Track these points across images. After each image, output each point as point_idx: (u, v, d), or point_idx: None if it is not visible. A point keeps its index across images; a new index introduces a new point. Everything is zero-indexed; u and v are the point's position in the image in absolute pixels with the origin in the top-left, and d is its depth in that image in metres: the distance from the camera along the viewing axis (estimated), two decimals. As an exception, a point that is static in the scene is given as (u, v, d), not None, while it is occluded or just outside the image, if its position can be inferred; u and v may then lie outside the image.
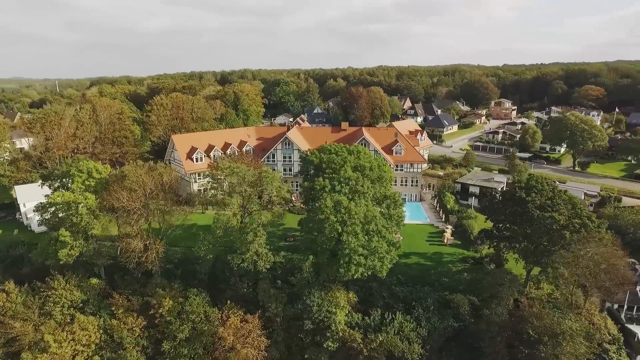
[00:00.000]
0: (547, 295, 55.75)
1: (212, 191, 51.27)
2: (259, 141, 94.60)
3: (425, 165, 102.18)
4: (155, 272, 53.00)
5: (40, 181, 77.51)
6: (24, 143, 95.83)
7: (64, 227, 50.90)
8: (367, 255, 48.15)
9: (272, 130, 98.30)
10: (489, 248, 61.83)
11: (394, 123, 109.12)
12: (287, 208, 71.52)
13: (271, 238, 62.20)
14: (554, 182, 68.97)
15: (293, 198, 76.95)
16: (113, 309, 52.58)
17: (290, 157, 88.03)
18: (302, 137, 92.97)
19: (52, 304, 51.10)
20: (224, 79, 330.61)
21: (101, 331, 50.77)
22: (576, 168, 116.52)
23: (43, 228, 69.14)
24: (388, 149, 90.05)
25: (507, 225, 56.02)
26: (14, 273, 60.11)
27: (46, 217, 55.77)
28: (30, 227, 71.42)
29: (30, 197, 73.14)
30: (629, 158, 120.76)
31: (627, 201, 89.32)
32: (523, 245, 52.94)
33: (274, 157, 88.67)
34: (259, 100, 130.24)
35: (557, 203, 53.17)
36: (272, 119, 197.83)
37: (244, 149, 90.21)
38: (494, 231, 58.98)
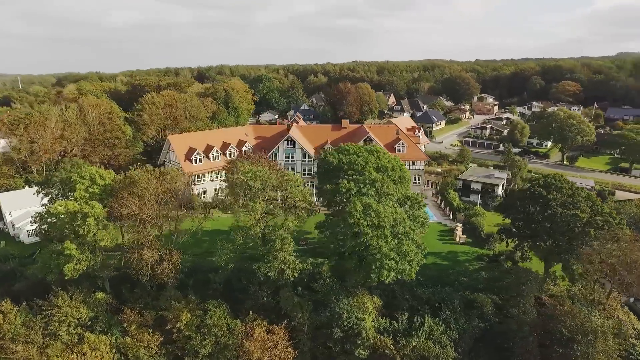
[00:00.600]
0: (566, 292, 56.19)
1: (231, 197, 47.98)
2: (257, 140, 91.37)
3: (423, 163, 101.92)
4: (171, 284, 49.48)
5: (25, 187, 71.91)
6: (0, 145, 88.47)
7: (69, 239, 46.57)
8: (398, 259, 46.74)
9: (270, 129, 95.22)
10: (507, 246, 61.68)
11: (391, 119, 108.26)
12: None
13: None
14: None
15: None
16: (125, 325, 48.79)
17: (293, 157, 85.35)
18: (302, 136, 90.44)
19: (57, 324, 46.74)
20: (201, 75, 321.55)
21: (114, 350, 47.03)
22: (565, 162, 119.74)
23: (33, 239, 64.11)
24: (391, 147, 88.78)
25: (528, 223, 55.85)
26: (5, 290, 55.00)
27: (44, 229, 51.23)
28: (18, 238, 65.68)
29: (15, 205, 67.54)
30: (612, 152, 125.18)
31: (619, 194, 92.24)
32: (548, 243, 52.87)
33: (275, 157, 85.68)
34: (250, 98, 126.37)
35: (578, 200, 53.48)
36: (257, 116, 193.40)
37: (243, 149, 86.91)
38: (513, 229, 58.90)
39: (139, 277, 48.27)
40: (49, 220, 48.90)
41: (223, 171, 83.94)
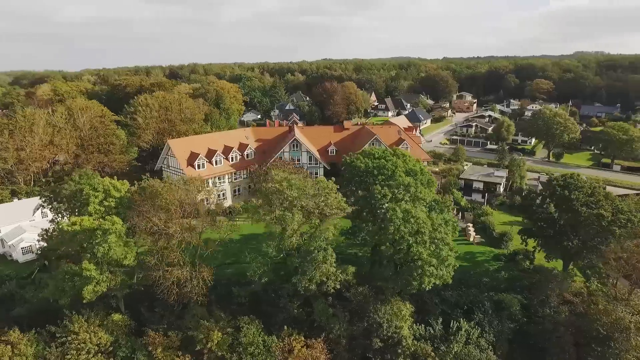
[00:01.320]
0: (586, 289, 57.41)
1: (265, 207, 45.13)
2: (258, 143, 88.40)
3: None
4: (201, 302, 46.20)
5: (14, 199, 65.69)
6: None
7: (86, 259, 42.39)
8: (437, 265, 45.90)
9: (271, 131, 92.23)
10: (526, 246, 62.37)
11: (390, 119, 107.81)
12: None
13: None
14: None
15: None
16: (150, 348, 45.12)
17: (298, 160, 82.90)
18: (305, 138, 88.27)
19: (74, 352, 42.61)
20: (173, 73, 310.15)
21: (142, 377, 43.39)
22: (551, 159, 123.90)
23: (29, 257, 58.71)
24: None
25: (550, 223, 56.55)
26: (3, 316, 49.79)
27: (51, 248, 46.61)
28: (10, 256, 59.63)
29: (5, 220, 61.51)
30: (593, 148, 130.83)
31: (609, 190, 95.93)
32: (575, 242, 53.72)
33: (280, 159, 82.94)
34: (240, 98, 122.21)
35: (599, 199, 54.68)
36: (240, 116, 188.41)
37: (245, 153, 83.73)
38: (533, 229, 59.58)
39: (164, 296, 44.71)
40: (60, 238, 44.35)
41: (226, 176, 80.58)
